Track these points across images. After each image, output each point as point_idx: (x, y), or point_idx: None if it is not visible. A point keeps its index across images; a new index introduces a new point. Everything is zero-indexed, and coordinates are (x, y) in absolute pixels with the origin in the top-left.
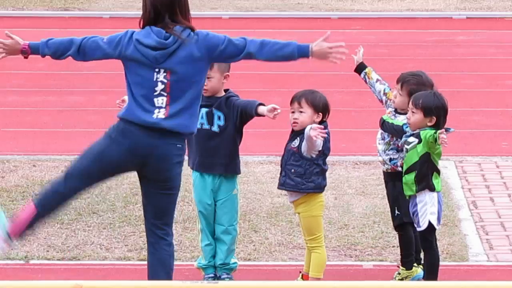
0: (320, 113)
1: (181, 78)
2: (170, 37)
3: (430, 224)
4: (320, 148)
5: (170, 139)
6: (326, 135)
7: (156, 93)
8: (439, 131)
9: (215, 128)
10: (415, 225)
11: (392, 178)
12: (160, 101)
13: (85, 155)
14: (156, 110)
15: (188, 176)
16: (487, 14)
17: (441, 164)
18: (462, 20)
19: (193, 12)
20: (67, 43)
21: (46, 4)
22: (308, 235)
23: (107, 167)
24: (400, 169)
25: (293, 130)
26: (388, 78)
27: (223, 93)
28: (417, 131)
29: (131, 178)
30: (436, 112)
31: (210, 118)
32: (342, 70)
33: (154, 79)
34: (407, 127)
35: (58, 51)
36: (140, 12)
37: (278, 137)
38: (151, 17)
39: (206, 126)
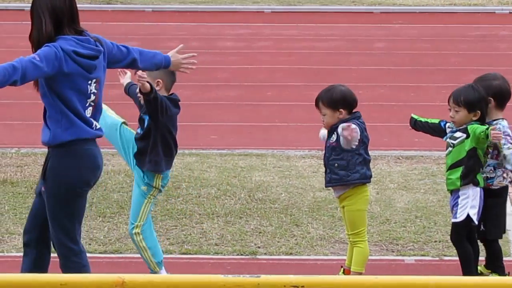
0: (341, 109)
1: (101, 86)
2: (97, 44)
3: (468, 217)
4: (359, 137)
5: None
6: (357, 134)
7: (87, 105)
8: (491, 127)
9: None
10: (452, 217)
11: (485, 195)
12: (89, 112)
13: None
14: (90, 122)
15: (229, 170)
16: None
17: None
18: (505, 15)
19: (235, 6)
20: (11, 69)
21: None
22: (351, 229)
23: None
24: (494, 187)
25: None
26: (431, 72)
27: None
28: (463, 126)
29: (173, 172)
30: (479, 106)
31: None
32: (384, 65)
33: (89, 91)
34: (444, 123)
35: (4, 79)
36: (182, 6)
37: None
38: (51, 29)
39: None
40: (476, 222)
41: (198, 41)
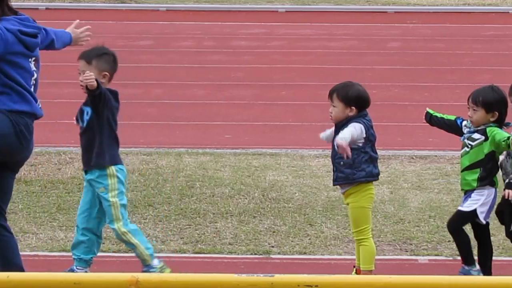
0: (353, 107)
1: (39, 65)
2: (35, 22)
3: (474, 211)
4: (365, 135)
5: None
6: (350, 156)
7: (31, 83)
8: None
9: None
10: (460, 205)
11: None
12: (32, 89)
13: None
14: (36, 99)
15: (243, 169)
16: None
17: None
18: None
19: (249, 6)
20: None
21: None
22: (355, 227)
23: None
24: None
25: (336, 124)
26: (445, 72)
27: None
28: (482, 127)
29: (187, 171)
30: (498, 107)
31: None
32: (398, 64)
33: (32, 69)
34: (461, 121)
35: None
36: (196, 5)
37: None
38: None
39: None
40: (483, 221)
41: (212, 40)
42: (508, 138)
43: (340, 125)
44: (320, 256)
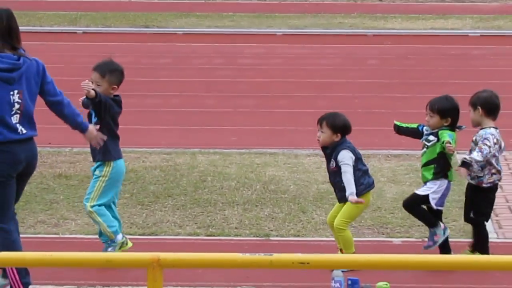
0: (339, 134)
1: (28, 97)
2: (20, 59)
3: (426, 196)
4: (354, 157)
5: (33, 141)
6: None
7: (13, 112)
8: (445, 141)
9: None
10: (416, 189)
11: (475, 190)
12: (15, 118)
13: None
14: (15, 127)
15: (247, 166)
16: (498, 32)
17: (457, 156)
18: (477, 37)
19: (252, 30)
20: None
21: (130, 22)
22: (343, 216)
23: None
24: (484, 185)
25: (323, 150)
26: (416, 85)
27: None
28: (436, 130)
29: (200, 168)
30: (451, 114)
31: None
32: (376, 78)
33: (12, 101)
34: (422, 127)
35: None
36: (208, 30)
37: None
38: None
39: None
40: (435, 207)
41: (221, 58)
42: (443, 142)
43: (328, 152)
44: (311, 238)
